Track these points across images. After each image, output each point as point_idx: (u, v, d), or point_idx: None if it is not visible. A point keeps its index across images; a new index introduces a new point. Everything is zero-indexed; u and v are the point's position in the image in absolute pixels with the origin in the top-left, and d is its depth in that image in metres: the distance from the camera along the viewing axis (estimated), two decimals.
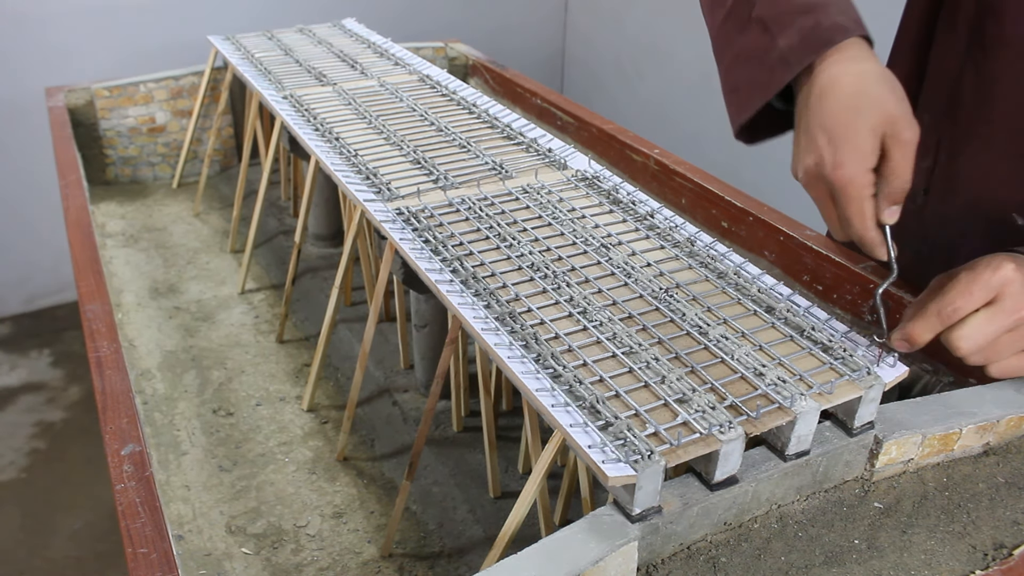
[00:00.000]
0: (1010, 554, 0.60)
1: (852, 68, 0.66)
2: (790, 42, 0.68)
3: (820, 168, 0.65)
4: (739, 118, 0.74)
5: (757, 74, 0.71)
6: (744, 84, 0.73)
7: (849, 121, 0.64)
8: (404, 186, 0.95)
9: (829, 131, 0.64)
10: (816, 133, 0.65)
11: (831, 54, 0.66)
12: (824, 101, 0.65)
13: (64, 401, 2.36)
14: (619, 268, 0.79)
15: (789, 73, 0.68)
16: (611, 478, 0.55)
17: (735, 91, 0.74)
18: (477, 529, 0.91)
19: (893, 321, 0.69)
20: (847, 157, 0.64)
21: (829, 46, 0.66)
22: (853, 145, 0.64)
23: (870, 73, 0.66)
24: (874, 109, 0.64)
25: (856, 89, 0.65)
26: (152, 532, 0.63)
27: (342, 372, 1.17)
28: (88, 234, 1.09)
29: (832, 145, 0.64)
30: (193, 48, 1.79)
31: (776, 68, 0.69)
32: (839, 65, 0.66)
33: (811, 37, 0.67)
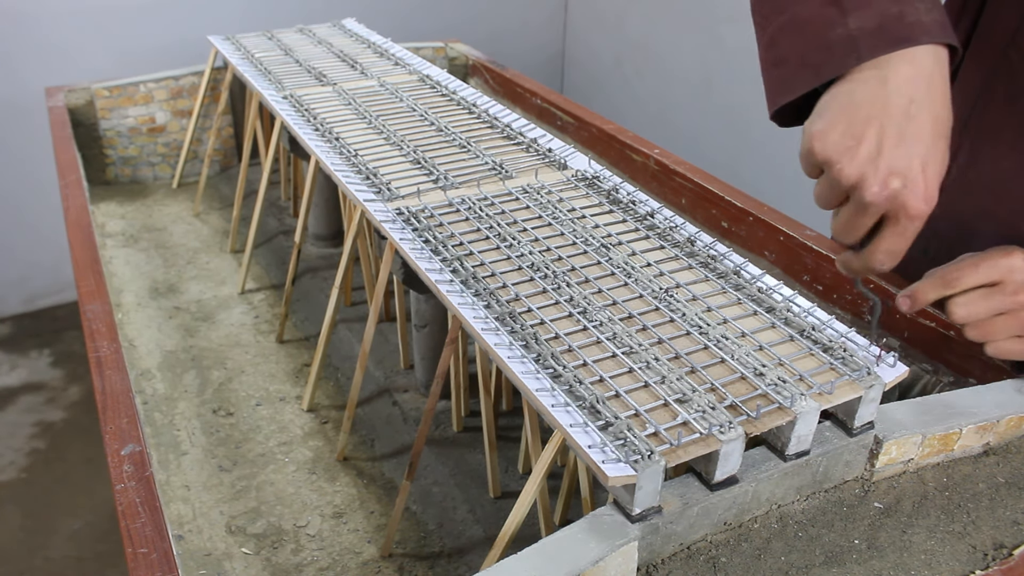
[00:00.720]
0: (1010, 554, 0.60)
1: (944, 80, 0.58)
2: (865, 24, 0.58)
3: (909, 194, 0.56)
4: (780, 98, 0.64)
5: (813, 51, 0.60)
6: (793, 58, 0.62)
7: (943, 147, 0.58)
8: (404, 186, 0.95)
9: (927, 152, 0.57)
10: (913, 147, 0.56)
11: (910, 55, 0.58)
12: (921, 110, 0.57)
13: (64, 401, 2.36)
14: (619, 268, 0.79)
15: (854, 60, 0.58)
16: (611, 478, 0.55)
17: (780, 64, 0.63)
18: (477, 529, 0.91)
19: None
20: (935, 192, 0.57)
21: (909, 44, 0.57)
22: (941, 176, 0.58)
23: (949, 97, 0.59)
24: (948, 137, 0.59)
25: (947, 110, 0.58)
26: (152, 532, 0.63)
27: (342, 372, 1.17)
28: (88, 234, 1.09)
29: (927, 172, 0.57)
30: (193, 48, 1.79)
31: (838, 49, 0.59)
32: (929, 71, 0.57)
33: (893, 27, 0.57)
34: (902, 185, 0.56)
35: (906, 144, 0.56)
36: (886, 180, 0.56)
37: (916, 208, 0.57)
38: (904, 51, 0.57)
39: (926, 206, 0.57)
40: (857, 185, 0.57)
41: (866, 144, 0.57)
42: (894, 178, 0.56)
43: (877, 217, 0.58)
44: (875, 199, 0.56)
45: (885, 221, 0.58)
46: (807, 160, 0.60)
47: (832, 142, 0.57)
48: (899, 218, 0.57)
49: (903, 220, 0.57)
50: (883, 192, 0.56)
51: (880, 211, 0.58)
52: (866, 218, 0.58)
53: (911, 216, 0.57)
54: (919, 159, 0.56)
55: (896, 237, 0.59)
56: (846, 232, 0.60)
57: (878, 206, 0.57)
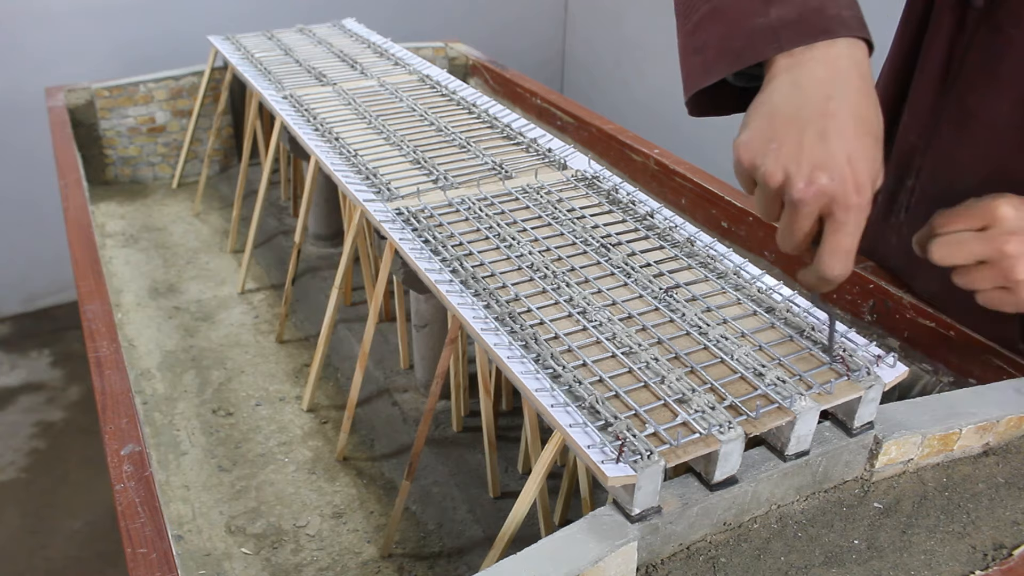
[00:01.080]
0: (1010, 554, 0.60)
1: (862, 77, 0.58)
2: (786, 15, 0.59)
3: (837, 186, 0.56)
4: (697, 83, 0.64)
5: (734, 37, 0.61)
6: (713, 45, 0.63)
7: (869, 143, 0.57)
8: (404, 186, 0.95)
9: (850, 148, 0.56)
10: (835, 142, 0.56)
11: (829, 48, 0.58)
12: (840, 107, 0.57)
13: (64, 401, 2.36)
14: (619, 268, 0.79)
15: (774, 48, 0.59)
16: (611, 478, 0.55)
17: (700, 51, 0.64)
18: (477, 529, 0.91)
19: None
20: (868, 183, 0.56)
21: (828, 36, 0.58)
22: (873, 171, 0.57)
23: (872, 87, 0.59)
24: (881, 137, 0.58)
25: (871, 109, 0.58)
26: (152, 532, 0.63)
27: (342, 372, 1.17)
28: (88, 234, 1.09)
29: (854, 165, 0.56)
30: (193, 48, 1.79)
31: (758, 37, 0.60)
32: (846, 68, 0.58)
33: (812, 19, 0.58)
34: (829, 179, 0.56)
35: (828, 140, 0.56)
36: (811, 175, 0.56)
37: (847, 199, 0.56)
38: (818, 51, 0.58)
39: (857, 196, 0.56)
40: (784, 184, 0.57)
41: (788, 144, 0.57)
42: (819, 173, 0.56)
43: (813, 217, 0.58)
44: (802, 195, 0.56)
45: (824, 222, 0.58)
46: (738, 172, 0.60)
47: (755, 149, 0.58)
48: (835, 213, 0.57)
49: (839, 214, 0.57)
50: (810, 188, 0.56)
51: (813, 209, 0.57)
52: (801, 219, 0.58)
53: (845, 208, 0.56)
54: (843, 153, 0.56)
55: (837, 234, 0.57)
56: (786, 238, 0.59)
57: (808, 203, 0.56)
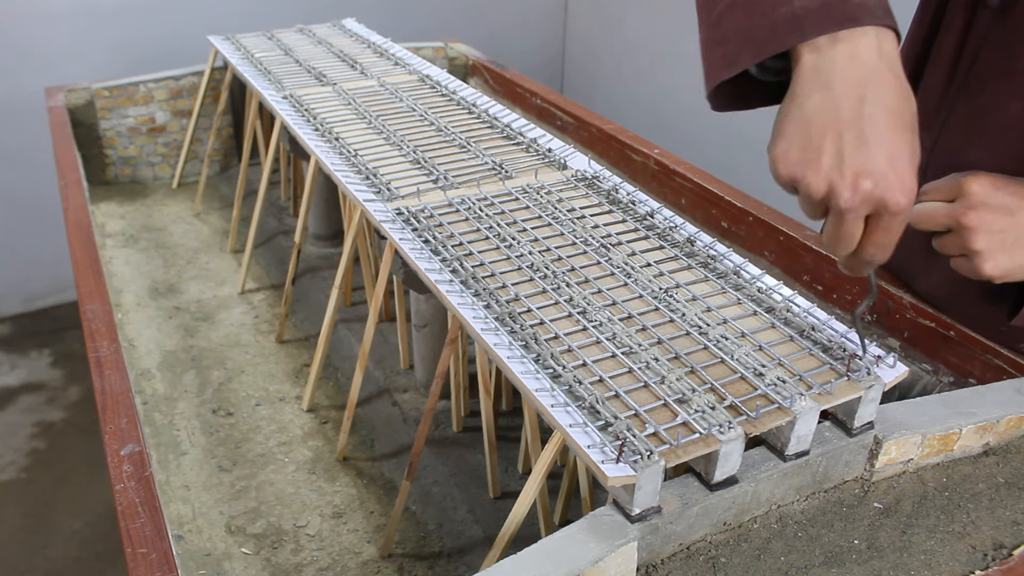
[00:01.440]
0: (1010, 554, 0.60)
1: (892, 70, 0.57)
2: (808, 3, 0.57)
3: (884, 191, 0.55)
4: (718, 75, 0.63)
5: (756, 28, 0.60)
6: (735, 37, 0.61)
7: (907, 138, 0.56)
8: (404, 186, 0.95)
9: (889, 148, 0.55)
10: (875, 146, 0.55)
11: (855, 41, 0.56)
12: (875, 109, 0.55)
13: (64, 401, 2.36)
14: (619, 268, 0.79)
15: (798, 37, 0.57)
16: (611, 478, 0.55)
17: (722, 43, 0.63)
18: (477, 529, 0.91)
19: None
20: (913, 180, 0.56)
21: (854, 24, 0.56)
22: (914, 166, 0.56)
23: (903, 78, 0.57)
24: (916, 125, 0.57)
25: (905, 101, 0.57)
26: (152, 532, 0.63)
27: (342, 372, 1.17)
28: (88, 234, 1.09)
29: (896, 166, 0.55)
30: (193, 48, 1.79)
31: (782, 26, 0.58)
32: (876, 63, 0.56)
33: (836, 7, 0.57)
34: (874, 184, 0.55)
35: (867, 144, 0.55)
36: (855, 183, 0.55)
37: (896, 203, 0.55)
38: (845, 45, 0.56)
39: (905, 199, 0.55)
40: (828, 195, 0.56)
41: (827, 154, 0.56)
42: (863, 179, 0.55)
43: (860, 222, 0.57)
44: (849, 204, 0.55)
45: (869, 220, 0.57)
46: (779, 182, 0.59)
47: (793, 160, 0.57)
48: (881, 216, 0.56)
49: (885, 217, 0.56)
50: (856, 196, 0.55)
51: (860, 215, 0.56)
52: (848, 225, 0.57)
53: (892, 212, 0.56)
54: (884, 155, 0.55)
55: (882, 232, 0.57)
56: (835, 245, 0.59)
57: (855, 211, 0.56)
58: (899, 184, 0.55)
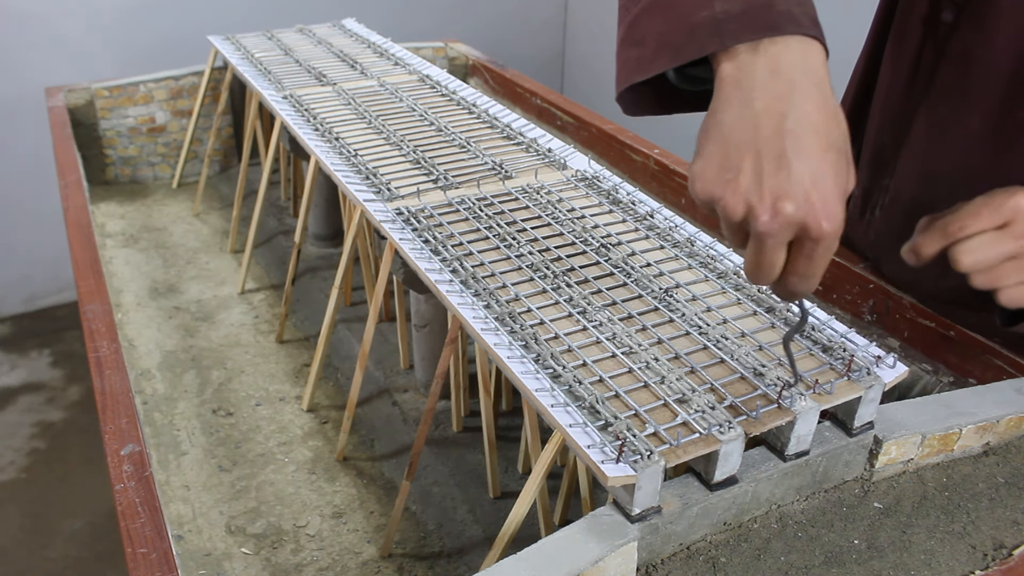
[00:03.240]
0: (1010, 554, 0.60)
1: (817, 85, 0.52)
2: (730, 8, 0.54)
3: (805, 215, 0.50)
4: (630, 77, 0.59)
5: (673, 31, 0.56)
6: (652, 38, 0.57)
7: (832, 158, 0.51)
8: (404, 186, 0.95)
9: (813, 169, 0.51)
10: (795, 165, 0.50)
11: (778, 52, 0.52)
12: (798, 125, 0.51)
13: (64, 401, 2.36)
14: (619, 268, 0.79)
15: (716, 44, 0.54)
16: (610, 478, 0.55)
17: (638, 44, 0.59)
18: (477, 529, 0.91)
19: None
20: (838, 205, 0.51)
21: (776, 33, 0.52)
22: (841, 189, 0.52)
23: (831, 96, 0.53)
24: (846, 146, 0.53)
25: (832, 119, 0.52)
26: (152, 532, 0.63)
27: (342, 372, 1.17)
28: (88, 234, 1.09)
29: (819, 188, 0.50)
30: (193, 48, 1.79)
31: (700, 31, 0.54)
32: (800, 78, 0.52)
33: (758, 14, 0.53)
34: (795, 207, 0.50)
35: (788, 164, 0.50)
36: (775, 206, 0.50)
37: (818, 227, 0.50)
38: (767, 57, 0.52)
39: (828, 224, 0.50)
40: (747, 218, 0.52)
41: (745, 173, 0.51)
42: (783, 202, 0.50)
43: (781, 248, 0.52)
44: (768, 228, 0.51)
45: (792, 247, 0.53)
46: (697, 201, 0.55)
47: (710, 178, 0.53)
48: (804, 242, 0.52)
49: (808, 244, 0.51)
50: (775, 220, 0.50)
51: (781, 241, 0.52)
52: (769, 252, 0.52)
53: (815, 238, 0.51)
54: (807, 176, 0.50)
55: (806, 260, 0.52)
56: (756, 273, 0.54)
57: (775, 235, 0.51)
58: (822, 208, 0.50)
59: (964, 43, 0.74)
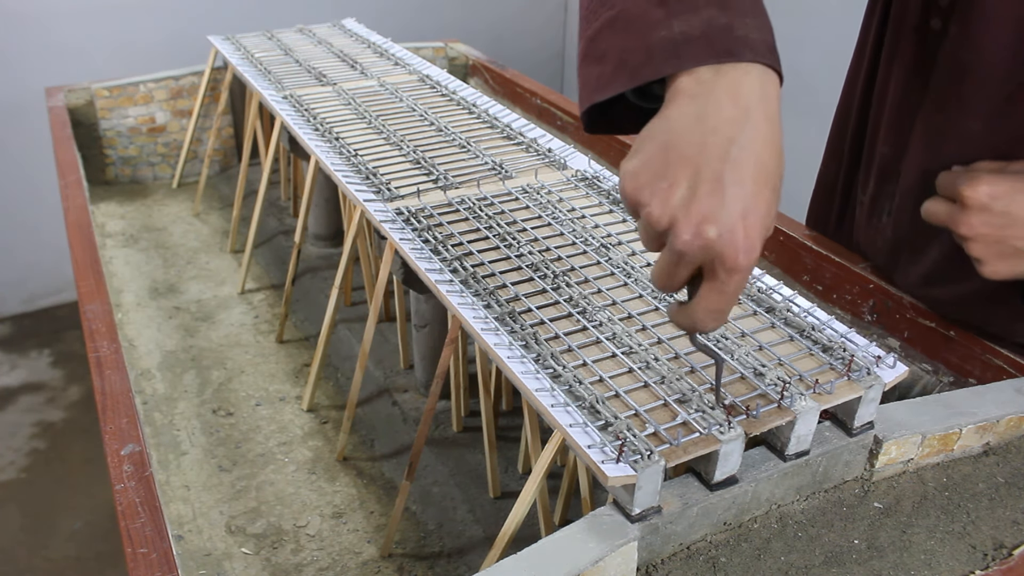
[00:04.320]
0: (1010, 554, 0.60)
1: (768, 120, 0.52)
2: (689, 30, 0.53)
3: (725, 244, 0.49)
4: (594, 96, 0.58)
5: (633, 51, 0.55)
6: (613, 55, 0.56)
7: (768, 197, 0.51)
8: (404, 186, 0.95)
9: (747, 203, 0.50)
10: (731, 194, 0.50)
11: (739, 78, 0.52)
12: (743, 155, 0.50)
13: (64, 401, 2.36)
14: (619, 268, 0.79)
15: (673, 65, 0.53)
16: (611, 478, 0.55)
17: (599, 60, 0.58)
18: (477, 529, 0.91)
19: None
20: (760, 243, 0.51)
21: (734, 59, 0.52)
22: (765, 228, 0.51)
23: (779, 132, 0.52)
24: (778, 190, 0.52)
25: (774, 157, 0.51)
26: (152, 532, 0.63)
27: (342, 372, 1.17)
28: (88, 234, 1.09)
29: (748, 222, 0.50)
30: (193, 48, 1.79)
31: (658, 52, 0.53)
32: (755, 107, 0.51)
33: (718, 37, 0.52)
34: (717, 234, 0.49)
35: (723, 190, 0.50)
36: (699, 227, 0.49)
37: (733, 260, 0.50)
38: (727, 80, 0.52)
39: (744, 258, 0.50)
40: (668, 231, 0.51)
41: (679, 187, 0.51)
42: (708, 226, 0.49)
43: (693, 268, 0.52)
44: (686, 248, 0.50)
45: (704, 274, 0.52)
46: (623, 199, 0.54)
47: (643, 183, 0.52)
48: (717, 271, 0.51)
49: (721, 274, 0.51)
50: (696, 241, 0.50)
51: (694, 261, 0.51)
52: (681, 268, 0.52)
53: (729, 269, 0.50)
54: (739, 206, 0.49)
55: (716, 294, 0.52)
56: (661, 279, 0.53)
57: (691, 256, 0.50)
58: (744, 241, 0.50)
59: (954, 50, 0.74)
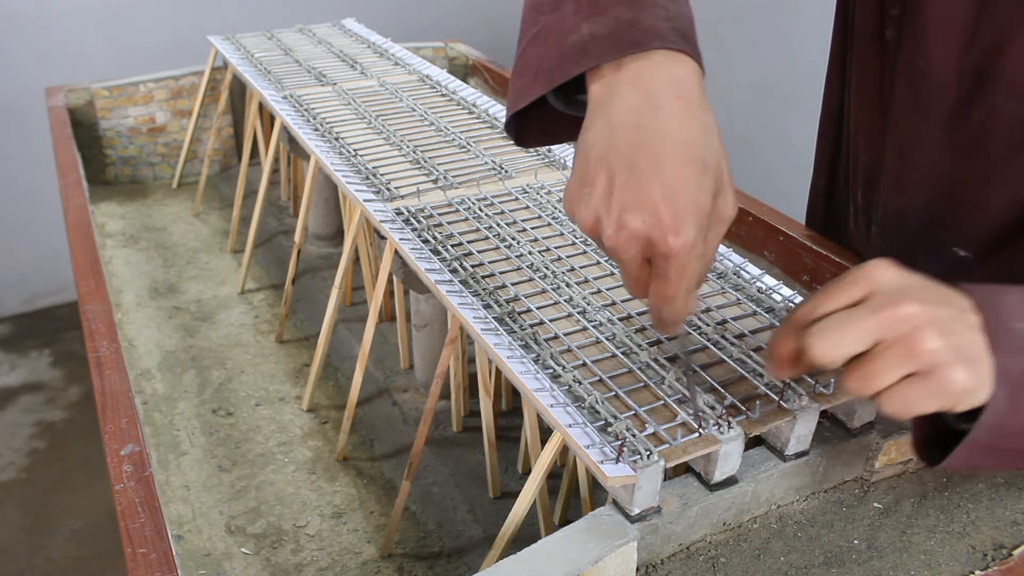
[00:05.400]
0: (1010, 554, 0.60)
1: (681, 97, 0.50)
2: (597, 30, 0.53)
3: (650, 228, 0.48)
4: (513, 106, 0.58)
5: (548, 58, 0.55)
6: (532, 67, 0.57)
7: (690, 173, 0.49)
8: (404, 186, 0.95)
9: (665, 181, 0.48)
10: (646, 177, 0.48)
11: (641, 69, 0.51)
12: (652, 137, 0.49)
13: (64, 401, 2.36)
14: (619, 268, 0.79)
15: (582, 65, 0.53)
16: (610, 478, 0.55)
17: (522, 74, 0.58)
18: (477, 529, 0.91)
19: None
20: (690, 222, 0.48)
21: (639, 49, 0.51)
22: (696, 206, 0.49)
23: (702, 109, 0.51)
24: (714, 163, 0.50)
25: (695, 131, 0.50)
26: (151, 532, 0.63)
27: (342, 372, 1.17)
28: (88, 234, 1.09)
29: (669, 202, 0.48)
30: (193, 48, 1.79)
31: (568, 55, 0.54)
32: (662, 90, 0.50)
33: (623, 32, 0.52)
34: (640, 221, 0.48)
35: (638, 176, 0.49)
36: (620, 219, 0.49)
37: (663, 244, 0.49)
38: (629, 73, 0.51)
39: (674, 239, 0.48)
40: (596, 231, 0.51)
41: (598, 188, 0.50)
42: (628, 215, 0.49)
43: (637, 263, 0.51)
44: (614, 243, 0.50)
45: (652, 267, 0.51)
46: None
47: (573, 195, 0.52)
48: (656, 260, 0.50)
49: (658, 261, 0.50)
50: (619, 233, 0.49)
51: (631, 256, 0.50)
52: (624, 267, 0.52)
53: (664, 254, 0.49)
54: (658, 189, 0.48)
55: (660, 281, 0.51)
56: (628, 287, 0.54)
57: (621, 250, 0.50)
58: (671, 222, 0.48)
59: (909, 59, 0.75)
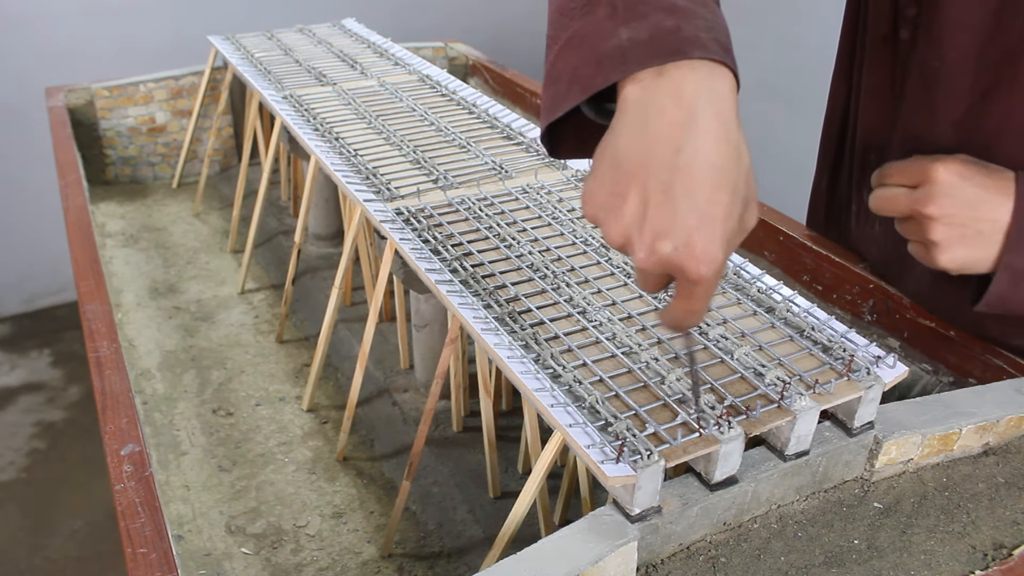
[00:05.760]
0: (1010, 554, 0.60)
1: (718, 117, 0.49)
2: (636, 35, 0.51)
3: (682, 258, 0.48)
4: (548, 116, 0.57)
5: (584, 64, 0.54)
6: (567, 74, 0.55)
7: (722, 200, 0.48)
8: (404, 186, 0.95)
9: (701, 209, 0.48)
10: (681, 203, 0.48)
11: (682, 78, 0.50)
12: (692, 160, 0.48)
13: (64, 401, 2.36)
14: (619, 268, 0.79)
15: (621, 72, 0.51)
16: (610, 478, 0.55)
17: (555, 82, 0.57)
18: (477, 529, 0.91)
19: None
20: (720, 250, 0.49)
21: (679, 56, 0.50)
22: (726, 233, 0.49)
23: (736, 130, 0.50)
24: (744, 187, 0.50)
25: (730, 158, 0.49)
26: (152, 532, 0.63)
27: (342, 372, 1.17)
28: (88, 234, 1.09)
29: (702, 231, 0.48)
30: (193, 48, 1.79)
31: (607, 61, 0.52)
32: (702, 108, 0.49)
33: (664, 39, 0.51)
34: (672, 248, 0.48)
35: (674, 202, 0.48)
36: (653, 245, 0.49)
37: (694, 272, 0.49)
38: (670, 82, 0.50)
39: (705, 269, 0.48)
40: (625, 249, 0.51)
41: (630, 204, 0.50)
42: (661, 241, 0.49)
43: (658, 278, 0.52)
44: (644, 265, 0.50)
45: (676, 280, 0.52)
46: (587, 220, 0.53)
47: (598, 203, 0.51)
48: (681, 281, 0.50)
49: (685, 284, 0.50)
50: (651, 258, 0.49)
51: (656, 273, 0.51)
52: (646, 278, 0.52)
53: (691, 280, 0.49)
54: (693, 217, 0.48)
55: (686, 300, 0.51)
56: (640, 286, 0.54)
57: (651, 271, 0.51)
58: (702, 252, 0.48)
59: (923, 59, 0.75)
